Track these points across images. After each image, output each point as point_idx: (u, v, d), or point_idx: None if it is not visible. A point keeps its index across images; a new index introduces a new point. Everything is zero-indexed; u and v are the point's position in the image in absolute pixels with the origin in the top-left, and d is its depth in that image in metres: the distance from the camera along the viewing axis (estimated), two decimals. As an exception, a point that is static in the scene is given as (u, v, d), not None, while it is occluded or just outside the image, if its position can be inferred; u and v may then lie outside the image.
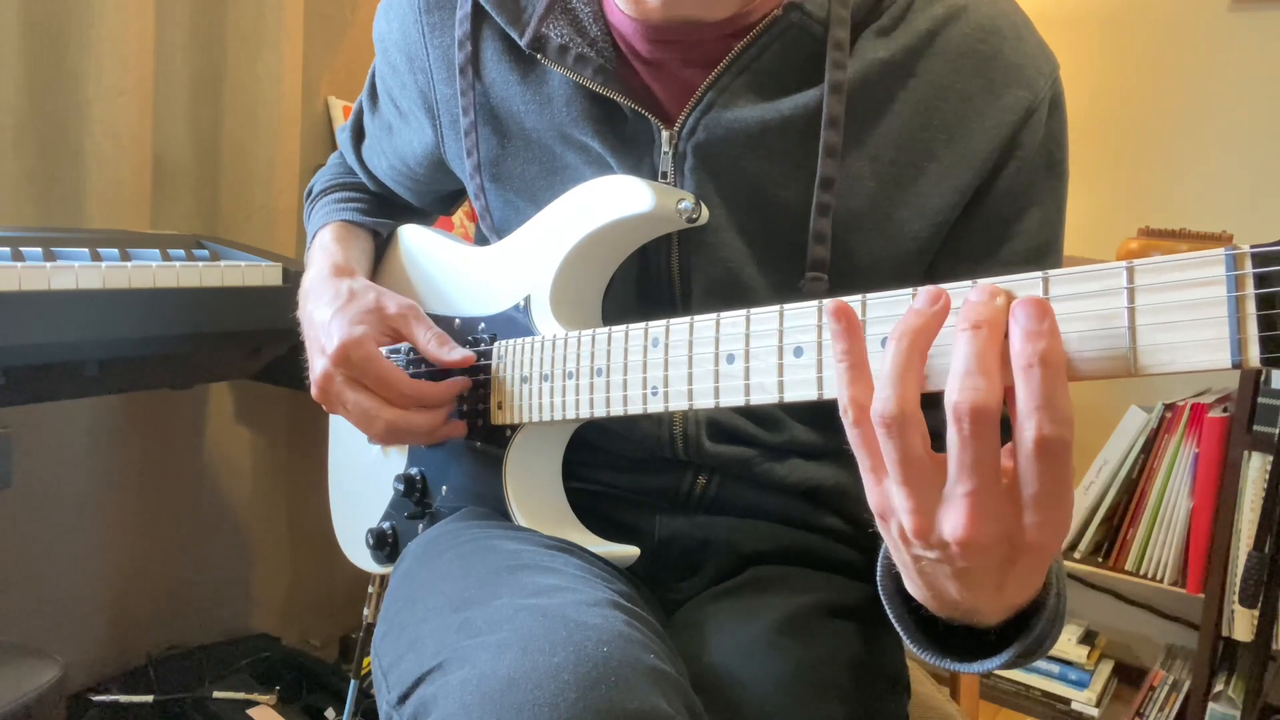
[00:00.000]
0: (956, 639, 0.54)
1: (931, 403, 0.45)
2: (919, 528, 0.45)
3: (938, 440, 0.45)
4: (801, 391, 0.53)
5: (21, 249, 0.99)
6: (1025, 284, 0.44)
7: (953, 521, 0.44)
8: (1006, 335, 0.43)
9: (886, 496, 0.47)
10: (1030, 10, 0.76)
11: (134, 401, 1.43)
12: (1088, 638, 1.97)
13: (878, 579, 0.57)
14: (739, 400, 0.57)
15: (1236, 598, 1.65)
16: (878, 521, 0.49)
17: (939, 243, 0.71)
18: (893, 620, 0.57)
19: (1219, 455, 1.71)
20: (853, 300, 0.50)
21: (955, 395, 0.42)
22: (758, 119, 0.69)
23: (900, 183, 0.70)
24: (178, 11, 1.45)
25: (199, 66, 1.49)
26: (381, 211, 0.95)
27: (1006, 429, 0.44)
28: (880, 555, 0.57)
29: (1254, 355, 0.38)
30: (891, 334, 0.46)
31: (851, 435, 0.47)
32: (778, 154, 0.69)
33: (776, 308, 0.55)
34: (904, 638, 0.56)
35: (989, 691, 1.98)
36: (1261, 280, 0.38)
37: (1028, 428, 0.42)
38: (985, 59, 0.69)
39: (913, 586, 0.51)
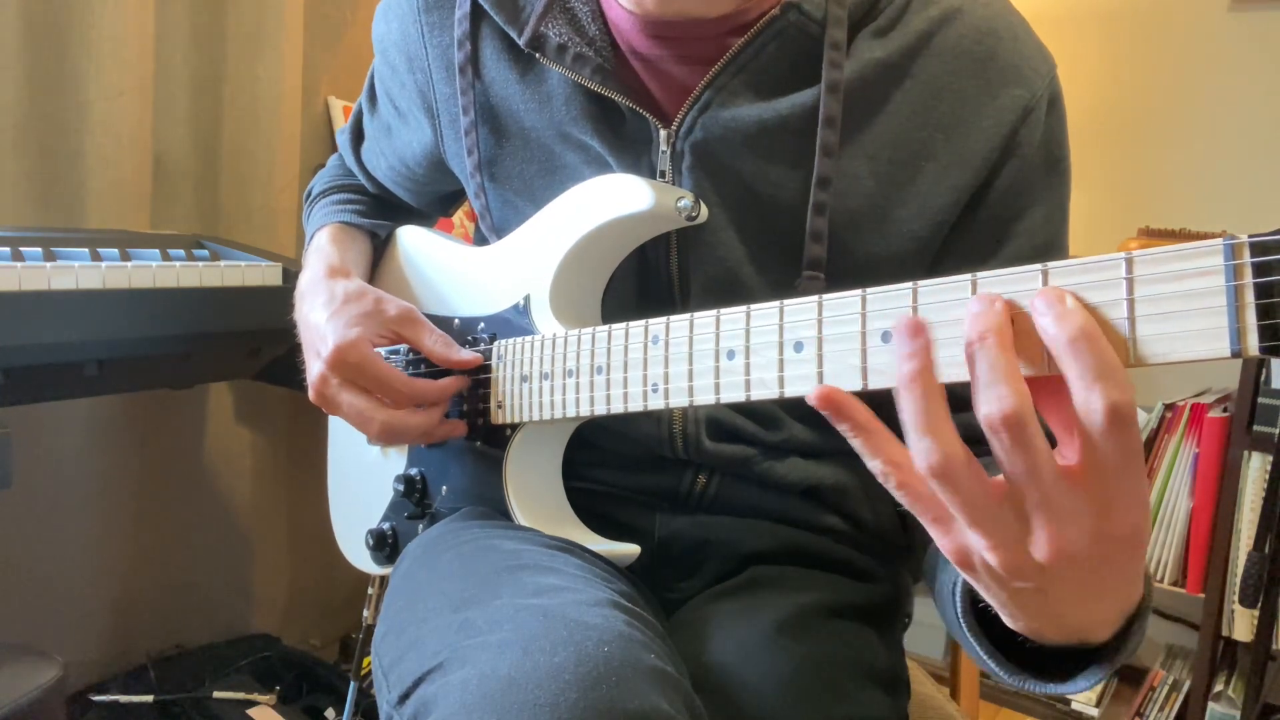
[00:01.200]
0: (1041, 660, 0.52)
1: (960, 405, 0.44)
2: (1007, 562, 0.44)
3: (978, 445, 0.43)
4: (802, 386, 0.53)
5: (21, 249, 0.99)
6: (1024, 277, 0.44)
7: (1037, 542, 0.43)
8: (1023, 327, 0.43)
9: (962, 542, 0.45)
10: (1029, 10, 0.76)
11: (134, 401, 1.43)
12: (1088, 638, 1.96)
13: (960, 628, 0.55)
14: (739, 396, 0.57)
15: (1236, 598, 1.65)
16: (962, 571, 0.47)
17: (939, 243, 0.71)
18: (992, 668, 0.54)
19: (1219, 455, 1.71)
20: (851, 295, 0.50)
21: (984, 409, 0.42)
22: (755, 118, 0.69)
23: (898, 182, 0.70)
24: (178, 11, 1.44)
25: (199, 66, 1.49)
26: (380, 213, 0.95)
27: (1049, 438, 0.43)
28: (949, 605, 0.56)
29: (1253, 344, 0.38)
30: (898, 385, 0.44)
31: (900, 497, 0.46)
32: (775, 153, 0.70)
33: (777, 303, 0.55)
34: (1004, 677, 0.54)
35: (989, 691, 1.98)
36: (1260, 269, 0.38)
37: (1094, 398, 0.40)
38: (982, 59, 0.69)
39: (1017, 622, 0.49)
